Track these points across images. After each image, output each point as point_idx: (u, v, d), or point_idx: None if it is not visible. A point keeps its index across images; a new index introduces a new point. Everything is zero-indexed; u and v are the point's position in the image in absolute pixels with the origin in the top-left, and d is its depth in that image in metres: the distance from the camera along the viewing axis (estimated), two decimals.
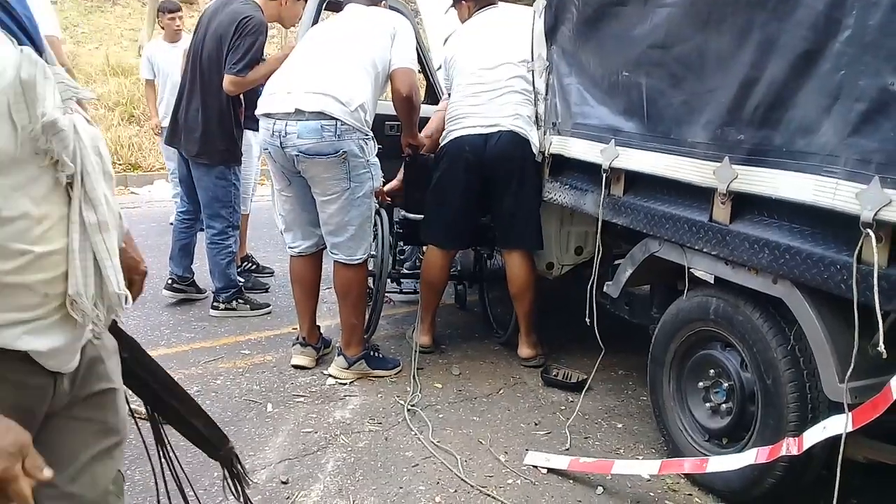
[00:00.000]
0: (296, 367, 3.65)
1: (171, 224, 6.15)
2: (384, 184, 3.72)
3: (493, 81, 3.62)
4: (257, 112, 3.38)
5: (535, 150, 3.52)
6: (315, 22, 4.47)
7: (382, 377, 3.57)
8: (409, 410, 3.23)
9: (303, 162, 3.26)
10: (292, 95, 3.25)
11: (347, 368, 3.54)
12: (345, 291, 3.53)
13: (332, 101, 3.19)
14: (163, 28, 6.26)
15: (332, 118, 3.18)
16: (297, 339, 3.72)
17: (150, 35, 12.06)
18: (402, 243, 4.43)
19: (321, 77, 3.27)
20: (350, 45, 3.39)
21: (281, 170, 3.41)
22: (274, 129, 3.26)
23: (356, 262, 3.47)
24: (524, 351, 3.84)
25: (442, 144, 3.73)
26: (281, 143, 3.25)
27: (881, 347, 1.91)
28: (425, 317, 3.98)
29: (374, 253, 3.87)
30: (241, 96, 4.10)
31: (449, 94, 3.89)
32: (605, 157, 2.94)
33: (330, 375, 3.55)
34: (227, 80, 3.93)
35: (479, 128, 3.58)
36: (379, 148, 3.48)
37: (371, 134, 3.37)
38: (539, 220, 3.68)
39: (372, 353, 3.65)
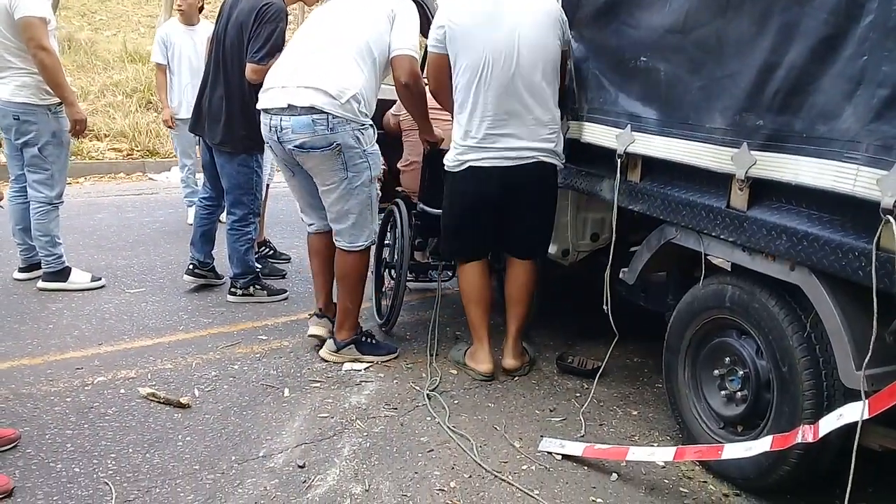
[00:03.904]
0: (312, 336, 3.71)
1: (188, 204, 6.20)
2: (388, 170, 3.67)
3: (528, 95, 3.19)
4: (258, 106, 3.38)
5: (559, 166, 3.36)
6: None
7: (372, 363, 3.57)
8: (428, 396, 3.25)
9: (299, 155, 3.30)
10: (286, 90, 3.24)
11: (336, 352, 3.57)
12: (343, 276, 3.57)
13: (322, 94, 3.17)
14: (179, 8, 5.95)
15: (323, 112, 3.17)
16: (315, 311, 3.78)
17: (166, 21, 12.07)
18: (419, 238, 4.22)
19: (312, 70, 3.25)
20: (342, 32, 3.34)
21: (283, 162, 3.47)
22: (270, 124, 3.29)
23: (357, 248, 3.49)
24: (508, 362, 3.51)
25: (458, 162, 3.31)
26: (278, 137, 3.28)
27: None
28: (481, 339, 3.53)
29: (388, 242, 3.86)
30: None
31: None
32: (620, 142, 2.92)
33: (324, 360, 3.59)
34: (249, 69, 3.93)
35: (506, 160, 3.23)
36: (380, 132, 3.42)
37: (368, 122, 3.33)
38: (552, 230, 3.56)
39: (364, 339, 3.64)
